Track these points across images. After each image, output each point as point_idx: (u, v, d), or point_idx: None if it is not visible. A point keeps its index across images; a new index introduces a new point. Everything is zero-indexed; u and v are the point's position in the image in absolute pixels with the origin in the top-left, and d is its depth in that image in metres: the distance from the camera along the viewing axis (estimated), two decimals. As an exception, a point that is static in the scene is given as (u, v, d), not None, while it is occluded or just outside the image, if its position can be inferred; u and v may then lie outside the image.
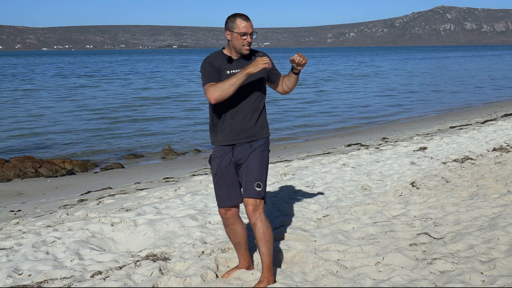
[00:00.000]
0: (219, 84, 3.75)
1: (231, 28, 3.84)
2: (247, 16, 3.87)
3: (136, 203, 6.86)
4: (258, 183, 3.87)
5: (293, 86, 4.11)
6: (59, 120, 21.06)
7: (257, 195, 3.86)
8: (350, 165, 8.92)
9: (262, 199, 3.91)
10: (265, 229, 3.88)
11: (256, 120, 3.96)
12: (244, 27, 3.80)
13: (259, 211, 3.88)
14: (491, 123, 14.40)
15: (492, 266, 4.07)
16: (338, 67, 69.06)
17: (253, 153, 3.94)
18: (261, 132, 4.00)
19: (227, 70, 3.87)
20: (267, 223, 3.91)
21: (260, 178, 3.90)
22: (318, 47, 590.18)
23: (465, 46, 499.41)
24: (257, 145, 3.97)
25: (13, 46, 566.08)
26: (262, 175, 3.92)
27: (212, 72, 3.86)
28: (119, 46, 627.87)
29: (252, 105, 3.93)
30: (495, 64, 69.13)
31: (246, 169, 3.92)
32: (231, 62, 3.90)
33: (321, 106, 24.89)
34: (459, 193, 6.66)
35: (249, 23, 3.82)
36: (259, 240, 3.89)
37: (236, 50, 3.88)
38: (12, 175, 11.47)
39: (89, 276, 4.29)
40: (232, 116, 3.92)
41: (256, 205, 3.87)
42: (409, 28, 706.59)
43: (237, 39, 3.82)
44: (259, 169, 3.90)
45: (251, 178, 3.88)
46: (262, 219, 3.88)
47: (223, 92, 3.73)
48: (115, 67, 78.40)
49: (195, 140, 16.32)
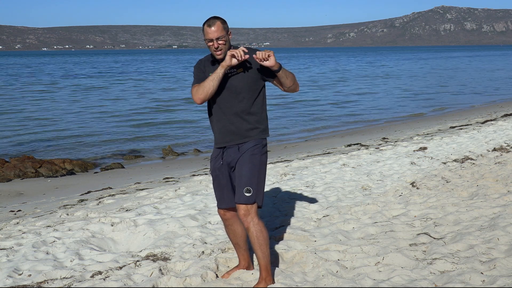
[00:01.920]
0: (201, 84, 3.79)
1: (203, 35, 3.86)
2: (215, 20, 3.79)
3: (136, 203, 6.85)
4: (247, 188, 3.81)
5: (288, 83, 3.89)
6: (60, 121, 21.07)
7: (246, 201, 3.81)
8: (350, 165, 8.92)
9: (253, 203, 3.84)
10: (258, 233, 3.84)
11: (242, 122, 3.87)
12: (208, 33, 3.79)
13: (251, 215, 3.84)
14: (491, 123, 14.40)
15: (492, 266, 4.07)
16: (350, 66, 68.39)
17: (242, 157, 3.87)
18: (249, 134, 3.89)
19: (210, 72, 3.88)
20: (260, 227, 3.86)
21: (250, 182, 3.82)
22: (318, 47, 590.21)
23: (465, 46, 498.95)
24: (246, 148, 3.87)
25: (13, 46, 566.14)
26: (253, 179, 3.84)
27: (199, 74, 3.90)
28: (119, 46, 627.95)
29: (237, 107, 3.86)
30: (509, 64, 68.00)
31: (237, 174, 3.89)
32: (214, 64, 3.90)
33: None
34: (459, 193, 6.66)
35: (212, 29, 3.77)
36: (253, 244, 3.88)
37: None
38: (12, 175, 11.47)
39: (89, 276, 4.30)
40: (218, 118, 3.93)
41: (248, 210, 3.83)
42: (409, 28, 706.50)
43: (208, 45, 3.84)
44: (248, 173, 3.84)
45: (240, 183, 3.85)
46: (254, 223, 3.84)
47: (205, 90, 3.76)
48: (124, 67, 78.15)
49: (195, 140, 16.33)
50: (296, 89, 4.00)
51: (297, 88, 4.01)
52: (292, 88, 3.96)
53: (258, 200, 3.87)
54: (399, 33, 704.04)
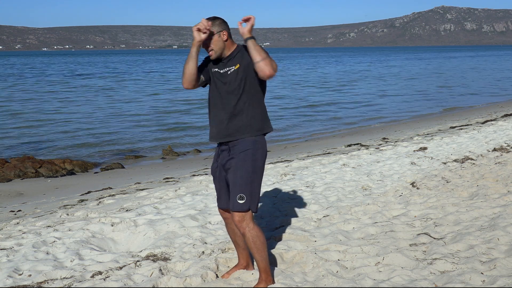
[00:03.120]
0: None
1: None
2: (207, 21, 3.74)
3: (136, 203, 6.86)
4: (240, 195, 3.75)
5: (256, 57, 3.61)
6: (61, 121, 21.07)
7: (240, 209, 3.76)
8: (350, 165, 8.92)
9: (247, 210, 3.78)
10: (254, 238, 3.81)
11: (229, 120, 3.80)
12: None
13: (246, 221, 3.79)
14: (491, 123, 14.40)
15: (492, 266, 4.07)
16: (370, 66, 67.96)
17: (235, 162, 3.79)
18: (240, 131, 3.80)
19: (213, 68, 3.91)
20: (256, 231, 3.82)
21: (243, 189, 3.75)
22: (318, 47, 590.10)
23: (466, 46, 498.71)
24: (238, 151, 3.79)
25: (13, 46, 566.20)
26: (245, 187, 3.75)
27: (201, 64, 3.94)
28: (119, 46, 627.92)
29: (225, 104, 3.80)
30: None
31: (230, 180, 3.83)
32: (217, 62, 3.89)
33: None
34: (459, 193, 6.66)
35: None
36: (251, 249, 3.86)
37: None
38: (12, 175, 11.47)
39: (89, 276, 4.29)
40: (212, 114, 3.92)
41: (242, 216, 3.79)
42: (409, 28, 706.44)
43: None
44: (241, 180, 3.76)
45: (232, 190, 3.79)
46: (250, 228, 3.80)
47: (183, 73, 3.84)
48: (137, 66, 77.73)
49: (195, 140, 16.33)
50: (266, 69, 3.60)
51: (268, 68, 3.60)
52: (261, 65, 3.60)
53: (252, 207, 3.80)
54: (399, 33, 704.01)
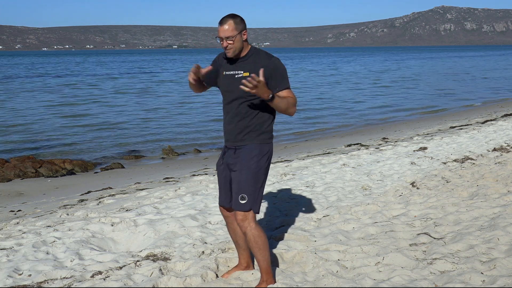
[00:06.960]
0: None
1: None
2: (227, 19, 3.73)
3: (136, 203, 6.86)
4: (242, 195, 3.78)
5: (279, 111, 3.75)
6: (60, 121, 21.07)
7: (241, 208, 3.79)
8: (350, 165, 8.92)
9: (249, 210, 3.80)
10: (256, 238, 3.82)
11: (236, 125, 3.83)
12: (218, 31, 3.75)
13: (247, 221, 3.82)
14: (491, 123, 14.40)
15: (492, 266, 4.07)
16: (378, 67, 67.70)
17: (240, 163, 3.82)
18: (245, 137, 3.83)
19: (224, 71, 3.89)
20: (257, 231, 3.83)
21: (246, 190, 3.78)
22: (318, 47, 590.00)
23: (466, 46, 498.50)
24: (242, 154, 3.82)
25: (13, 46, 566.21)
26: (248, 187, 3.78)
27: (212, 65, 3.95)
28: (119, 46, 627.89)
29: (236, 109, 3.82)
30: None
31: (234, 180, 3.87)
32: (229, 62, 3.89)
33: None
34: (459, 193, 6.66)
35: (222, 27, 3.72)
36: (252, 248, 3.87)
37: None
38: (12, 175, 11.47)
39: (89, 276, 4.29)
40: (224, 117, 3.97)
41: (244, 216, 3.81)
42: (409, 28, 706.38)
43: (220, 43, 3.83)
44: (244, 180, 3.79)
45: (235, 190, 3.83)
46: (252, 228, 3.82)
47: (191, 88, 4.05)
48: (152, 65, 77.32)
49: (195, 140, 16.33)
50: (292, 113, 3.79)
51: (294, 111, 3.79)
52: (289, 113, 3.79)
53: (254, 208, 3.82)
54: (399, 33, 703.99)
